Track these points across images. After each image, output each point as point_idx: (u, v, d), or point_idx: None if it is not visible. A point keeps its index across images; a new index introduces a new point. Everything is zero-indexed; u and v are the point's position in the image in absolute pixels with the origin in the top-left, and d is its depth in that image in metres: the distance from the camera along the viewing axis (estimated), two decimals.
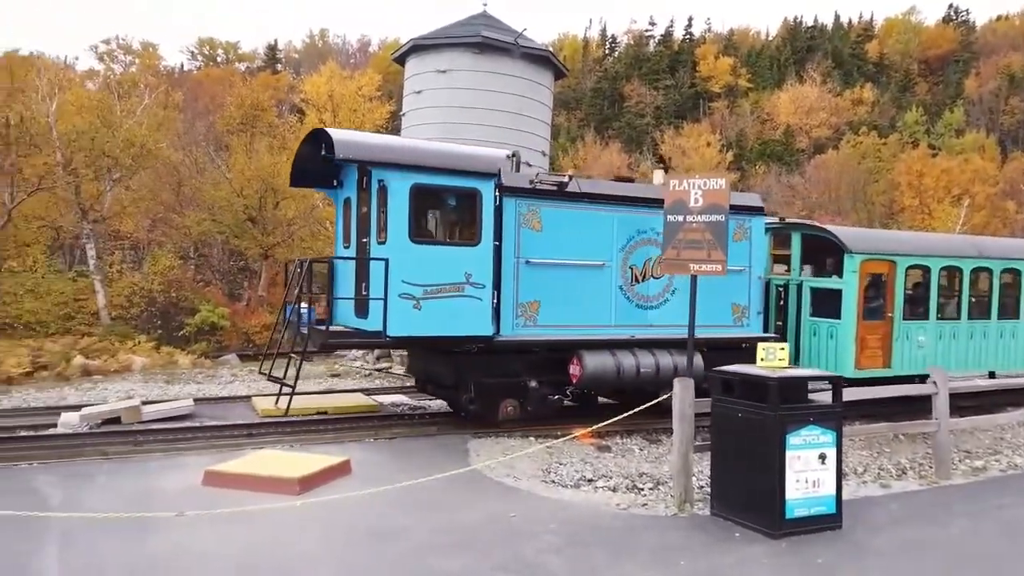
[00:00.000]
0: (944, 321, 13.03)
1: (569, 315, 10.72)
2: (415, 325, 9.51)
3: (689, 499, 7.24)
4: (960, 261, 13.25)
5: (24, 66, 26.03)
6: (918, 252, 13.04)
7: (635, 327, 11.13)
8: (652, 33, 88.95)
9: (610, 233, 11.00)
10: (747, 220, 11.93)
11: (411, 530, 6.34)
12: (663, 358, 10.94)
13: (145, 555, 5.63)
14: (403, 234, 9.44)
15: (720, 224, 7.70)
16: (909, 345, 12.57)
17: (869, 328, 12.38)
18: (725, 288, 11.55)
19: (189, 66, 70.18)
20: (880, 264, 12.43)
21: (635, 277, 11.22)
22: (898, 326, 12.46)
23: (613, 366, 10.56)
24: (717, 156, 60.38)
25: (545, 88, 20.48)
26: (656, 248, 11.12)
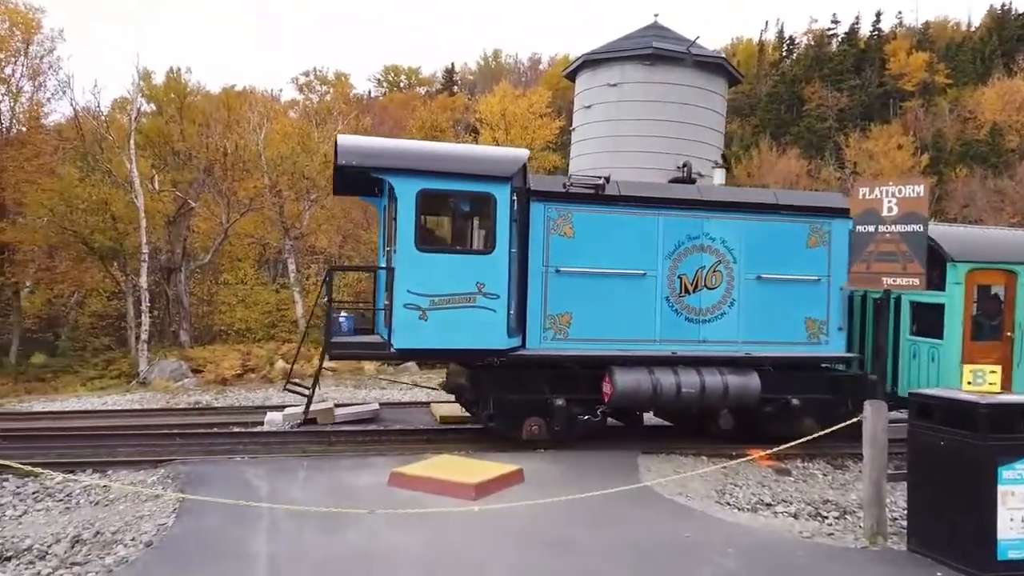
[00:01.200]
0: None
1: (605, 329, 9.96)
2: (422, 337, 9.05)
3: (882, 532, 6.72)
4: None
5: (238, 101, 29.20)
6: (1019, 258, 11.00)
7: (684, 343, 10.23)
8: (835, 31, 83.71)
9: (654, 239, 10.16)
10: (825, 223, 10.71)
11: (583, 543, 6.39)
12: (710, 377, 9.98)
13: (341, 547, 6.10)
14: (409, 241, 9.03)
15: (918, 235, 7.10)
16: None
17: (981, 351, 10.54)
18: (797, 300, 10.58)
19: (376, 92, 75.31)
20: (995, 274, 10.72)
21: (685, 288, 10.28)
22: (1022, 348, 10.67)
23: (648, 385, 9.75)
24: (910, 160, 55.60)
25: (718, 96, 19.94)
26: (710, 256, 10.37)
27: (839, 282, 10.64)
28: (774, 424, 10.40)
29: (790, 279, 10.55)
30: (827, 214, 10.75)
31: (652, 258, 10.15)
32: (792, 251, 10.59)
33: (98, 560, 5.90)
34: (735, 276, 10.44)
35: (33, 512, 7.50)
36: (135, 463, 8.77)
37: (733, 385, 10.02)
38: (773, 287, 10.51)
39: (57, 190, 24.62)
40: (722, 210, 10.46)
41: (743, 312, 10.42)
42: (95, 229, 23.67)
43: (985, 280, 10.83)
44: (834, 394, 10.67)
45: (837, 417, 10.32)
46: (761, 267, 10.47)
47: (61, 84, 29.95)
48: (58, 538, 6.46)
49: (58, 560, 5.99)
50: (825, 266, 10.71)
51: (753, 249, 10.48)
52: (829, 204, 10.99)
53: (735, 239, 10.45)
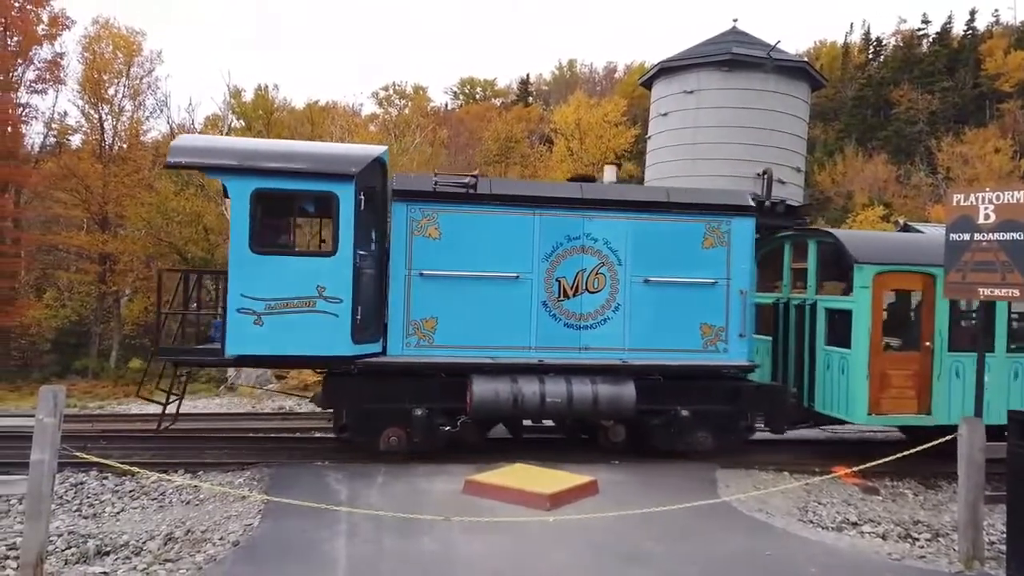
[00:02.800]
0: (1021, 355, 9.98)
1: (474, 335, 9.44)
2: (256, 343, 8.58)
3: (978, 556, 6.36)
4: None
5: (322, 115, 30.20)
6: None
7: (563, 350, 9.64)
8: (925, 32, 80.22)
9: (530, 240, 9.58)
10: (724, 221, 9.96)
11: (660, 557, 6.29)
12: (579, 387, 9.33)
13: (417, 552, 6.19)
14: (243, 242, 8.59)
15: (1019, 243, 6.72)
16: (960, 385, 9.74)
17: (894, 361, 9.78)
18: (691, 305, 9.86)
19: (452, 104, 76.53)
20: (910, 278, 9.90)
21: (564, 292, 9.66)
22: (940, 359, 9.75)
23: (509, 394, 9.16)
24: (1008, 164, 52.64)
25: (800, 101, 19.35)
26: (592, 258, 9.71)
27: (740, 285, 9.98)
28: (662, 437, 9.89)
29: (683, 282, 9.91)
30: (726, 212, 10.03)
31: (527, 260, 9.62)
32: (685, 252, 9.95)
33: (189, 558, 6.17)
34: (620, 279, 9.84)
35: (129, 510, 7.92)
36: (223, 465, 9.14)
37: (604, 395, 9.39)
38: (663, 291, 9.89)
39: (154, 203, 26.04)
40: (605, 209, 9.85)
41: (630, 317, 9.82)
42: (189, 240, 24.89)
43: (899, 284, 10.08)
44: (733, 406, 10.04)
45: (736, 430, 10.07)
46: (650, 269, 9.86)
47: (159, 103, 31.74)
48: (152, 535, 6.79)
49: (152, 556, 6.29)
50: (723, 268, 10.00)
51: (641, 250, 9.88)
52: (728, 202, 10.24)
53: (620, 240, 9.86)
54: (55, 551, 6.38)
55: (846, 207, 50.97)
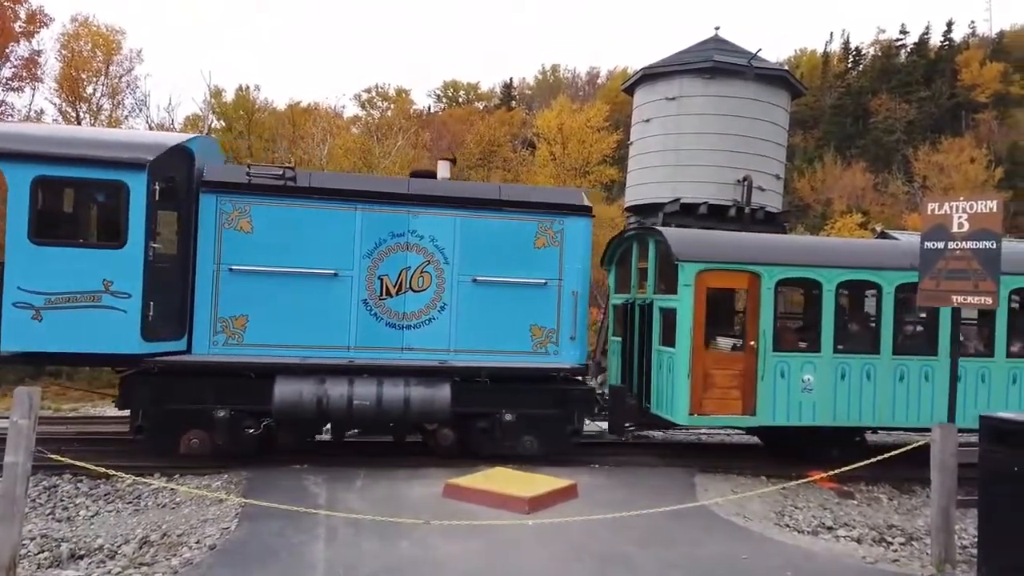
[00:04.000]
0: (849, 356, 9.90)
1: (289, 334, 9.11)
2: (35, 339, 8.12)
3: (950, 559, 6.46)
4: (877, 274, 9.95)
5: (303, 116, 30.09)
6: (799, 261, 9.95)
7: (385, 350, 9.35)
8: (903, 42, 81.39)
9: (351, 236, 9.29)
10: (557, 221, 9.69)
11: (638, 560, 6.32)
12: (390, 389, 9.01)
13: (396, 556, 6.18)
14: (22, 232, 8.11)
15: (992, 252, 6.85)
16: (785, 385, 9.66)
17: (718, 361, 9.68)
18: (521, 306, 9.58)
19: (435, 107, 76.45)
20: (735, 276, 9.76)
21: (386, 290, 9.38)
22: (765, 359, 9.62)
23: (313, 396, 8.81)
24: (983, 173, 53.55)
25: (780, 109, 19.60)
26: (418, 255, 9.45)
27: (573, 286, 9.74)
28: (485, 441, 9.63)
29: (513, 282, 9.64)
30: (559, 211, 9.75)
31: (347, 257, 9.31)
32: (517, 251, 9.67)
33: (164, 561, 6.11)
34: (447, 278, 9.58)
35: (104, 513, 7.82)
36: (200, 468, 9.05)
37: (417, 398, 9.06)
38: (492, 291, 9.62)
39: None
40: (432, 205, 9.57)
41: (456, 318, 9.56)
42: None
43: (723, 283, 9.91)
44: (561, 409, 9.78)
45: (562, 434, 9.81)
46: (478, 269, 9.59)
47: (138, 102, 31.44)
48: (127, 538, 6.72)
49: (127, 560, 6.22)
50: (556, 269, 9.73)
51: (470, 249, 9.61)
52: (562, 201, 10.00)
53: (447, 237, 9.59)
54: (28, 555, 6.29)
55: (825, 214, 51.57)
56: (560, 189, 10.98)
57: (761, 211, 18.47)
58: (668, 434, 12.78)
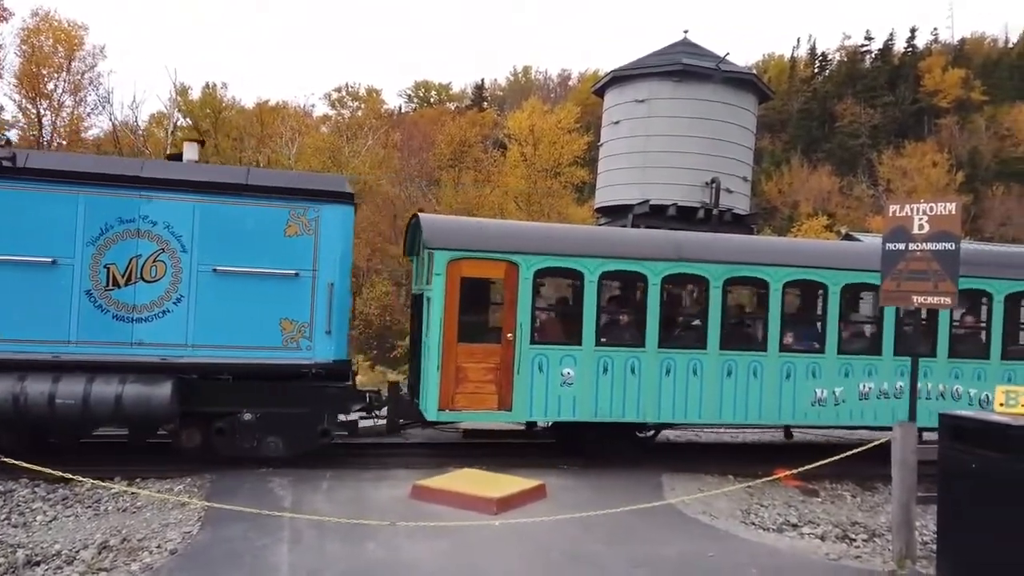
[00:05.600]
0: (612, 349, 9.61)
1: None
2: None
3: (911, 555, 6.57)
4: (643, 265, 9.69)
5: (271, 115, 29.75)
6: (558, 251, 9.57)
7: (112, 345, 8.60)
8: (868, 48, 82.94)
9: (72, 221, 8.53)
10: (311, 209, 9.05)
11: (606, 559, 6.34)
12: (100, 387, 8.27)
13: (362, 558, 6.12)
14: None
15: (951, 253, 6.98)
16: (544, 380, 9.33)
17: (472, 353, 9.20)
18: (270, 298, 8.91)
19: (406, 108, 76.13)
20: (491, 266, 9.32)
21: (114, 280, 8.62)
22: (522, 353, 9.25)
23: (8, 394, 8.08)
24: (945, 177, 54.78)
25: (748, 112, 19.85)
26: (150, 243, 8.72)
27: (330, 278, 9.10)
28: (224, 442, 8.99)
29: (260, 273, 8.96)
30: (314, 198, 9.13)
31: (68, 244, 8.54)
32: (265, 240, 8.99)
33: (124, 566, 5.98)
34: (184, 268, 8.85)
35: (62, 518, 7.62)
36: (162, 472, 8.88)
37: (131, 397, 8.32)
38: (237, 282, 8.92)
39: None
40: (168, 189, 8.87)
41: (194, 311, 8.85)
42: None
43: (479, 272, 9.38)
44: (310, 408, 9.17)
45: (311, 435, 9.16)
46: (220, 258, 8.89)
47: (101, 99, 30.83)
48: (86, 544, 6.56)
49: (85, 565, 6.08)
50: (310, 259, 9.08)
51: (210, 237, 8.90)
52: (317, 187, 9.37)
53: (185, 224, 8.86)
54: None
55: (791, 217, 52.34)
56: (318, 175, 10.25)
57: (729, 213, 18.69)
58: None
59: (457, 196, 27.01)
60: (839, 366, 10.21)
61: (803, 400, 10.11)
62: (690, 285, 10.79)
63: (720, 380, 9.83)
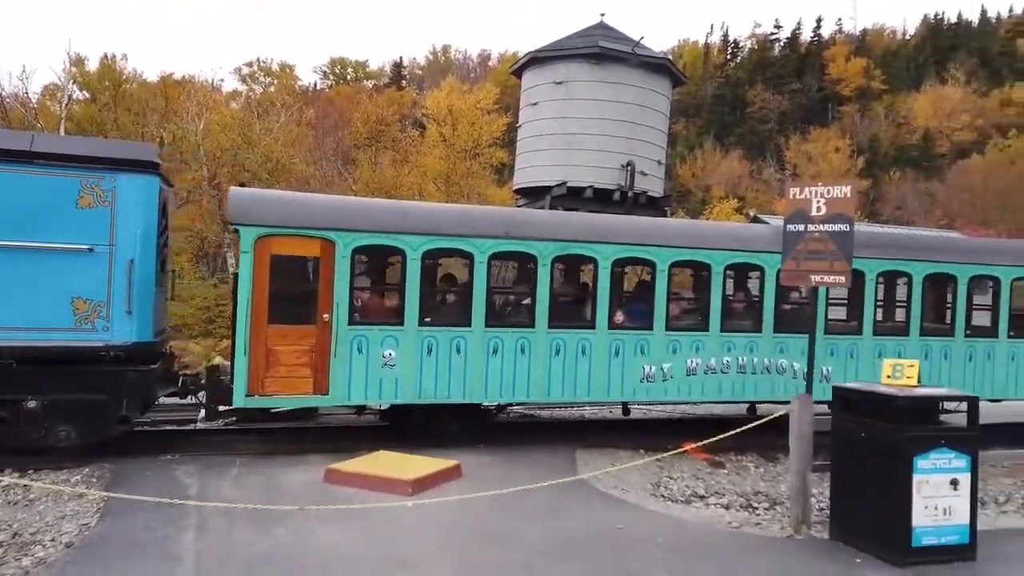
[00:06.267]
0: (437, 329, 9.26)
1: None
2: None
3: (806, 521, 6.94)
4: (469, 243, 9.28)
5: (176, 90, 28.42)
6: (378, 227, 9.08)
7: None
8: (777, 36, 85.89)
9: None
10: (107, 178, 8.32)
11: (520, 535, 6.43)
12: None
13: (271, 544, 6.00)
14: None
15: (845, 234, 7.34)
16: (364, 362, 8.97)
17: (283, 335, 8.74)
18: (60, 275, 8.14)
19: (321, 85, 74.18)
20: (304, 243, 8.84)
21: None
22: (340, 334, 8.86)
23: None
24: (847, 162, 57.53)
25: (662, 96, 20.22)
26: None
27: (129, 254, 8.39)
28: (9, 433, 8.28)
29: (47, 248, 8.18)
30: (111, 167, 8.40)
31: None
32: (53, 212, 8.21)
33: (15, 562, 5.68)
34: None
35: None
36: (58, 462, 8.45)
37: None
38: (17, 257, 8.13)
39: None
40: None
41: None
42: None
43: (292, 250, 8.89)
44: (108, 394, 8.44)
45: (109, 422, 8.55)
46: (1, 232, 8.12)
47: None
48: None
49: None
50: (106, 233, 8.35)
51: None
52: (114, 155, 8.63)
53: None
54: None
55: (704, 200, 53.89)
56: (117, 142, 9.37)
57: (644, 195, 19.03)
58: (551, 413, 13.05)
59: (375, 176, 26.55)
60: (667, 343, 10.23)
61: (632, 377, 10.10)
62: (520, 263, 10.47)
63: (548, 358, 9.67)
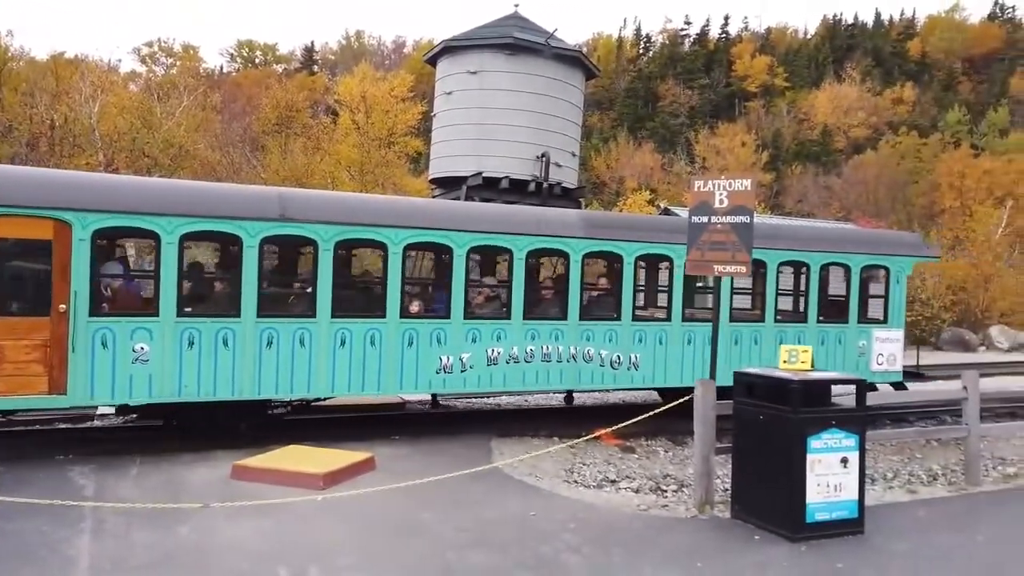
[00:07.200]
0: (201, 319, 8.47)
1: None
2: None
3: (710, 501, 7.22)
4: (236, 225, 8.49)
5: (68, 69, 26.81)
6: (123, 207, 8.09)
7: None
8: (687, 32, 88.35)
9: None
10: None
11: (432, 525, 6.44)
12: None
13: (173, 544, 5.79)
14: None
15: (746, 225, 7.66)
16: (110, 357, 8.01)
17: (10, 329, 7.65)
18: None
19: (228, 68, 71.48)
20: (30, 223, 7.74)
21: None
22: (78, 326, 7.84)
23: None
24: (752, 156, 59.78)
25: (576, 89, 20.47)
26: None
27: None
28: None
29: None
30: None
31: None
32: None
33: None
34: None
35: None
36: None
37: None
38: None
39: None
40: None
41: None
42: None
43: (16, 232, 7.76)
44: None
45: None
46: None
47: None
48: None
49: None
50: None
51: None
52: None
53: None
54: None
55: (618, 191, 54.93)
56: None
57: (559, 186, 19.25)
58: (467, 403, 13.09)
59: (285, 164, 25.82)
60: (466, 332, 9.71)
61: (428, 368, 9.53)
62: (299, 249, 9.77)
63: (332, 350, 8.99)
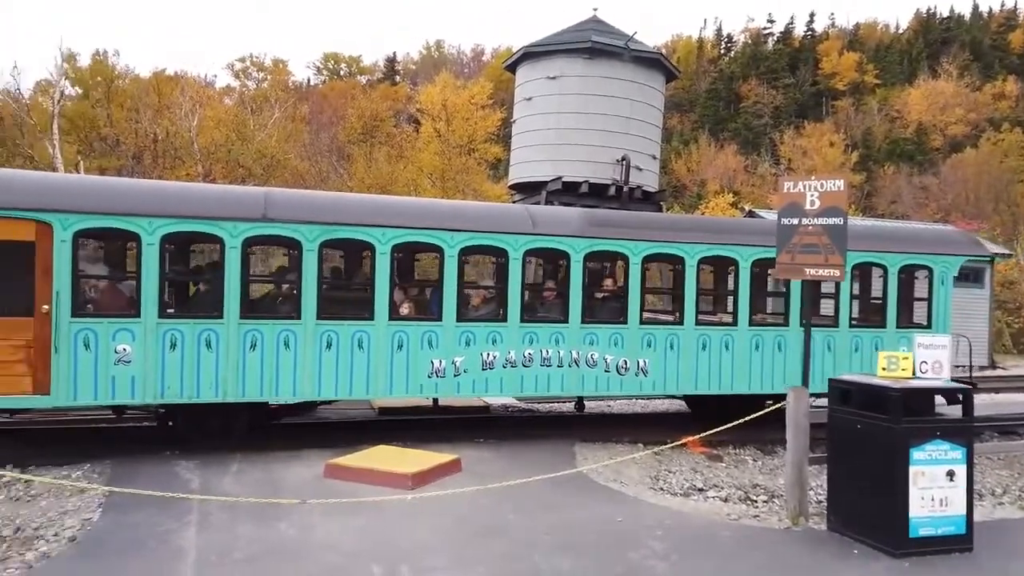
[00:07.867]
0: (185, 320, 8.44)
1: None
2: None
3: (804, 512, 7.00)
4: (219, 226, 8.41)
5: (169, 85, 28.34)
6: (104, 208, 8.10)
7: None
8: (771, 31, 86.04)
9: None
10: None
11: (518, 528, 6.48)
12: None
13: (274, 538, 6.04)
14: None
15: (839, 227, 7.40)
16: (92, 358, 8.05)
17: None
18: None
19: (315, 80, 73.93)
20: (11, 225, 7.82)
21: None
22: (59, 328, 7.93)
23: None
24: (841, 156, 57.67)
25: (656, 91, 20.25)
26: None
27: None
28: None
29: None
30: None
31: None
32: None
33: (18, 556, 5.70)
34: None
35: None
36: (59, 458, 8.47)
37: None
38: None
39: None
40: None
41: None
42: None
43: (3, 234, 7.84)
44: None
45: None
46: None
47: None
48: None
49: None
50: None
51: None
52: None
53: None
54: None
55: (700, 194, 53.95)
56: None
57: (639, 190, 19.09)
58: (549, 407, 13.11)
59: (370, 172, 26.53)
60: (459, 335, 9.48)
61: (419, 372, 9.32)
62: (286, 249, 9.53)
63: (318, 353, 8.87)
